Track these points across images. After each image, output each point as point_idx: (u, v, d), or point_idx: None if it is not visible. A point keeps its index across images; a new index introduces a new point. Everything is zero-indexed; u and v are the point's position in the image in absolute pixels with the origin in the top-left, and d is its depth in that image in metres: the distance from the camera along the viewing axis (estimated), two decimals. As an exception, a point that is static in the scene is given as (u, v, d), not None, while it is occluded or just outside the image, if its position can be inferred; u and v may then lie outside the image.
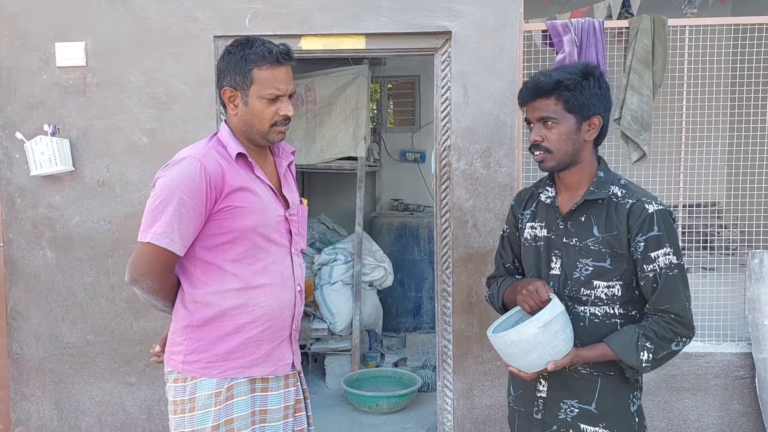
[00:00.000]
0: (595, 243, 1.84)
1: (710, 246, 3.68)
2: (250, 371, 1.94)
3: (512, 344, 1.79)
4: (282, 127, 1.93)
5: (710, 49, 3.31)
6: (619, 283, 1.84)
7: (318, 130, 5.12)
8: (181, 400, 1.91)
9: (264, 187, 1.95)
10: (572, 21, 3.29)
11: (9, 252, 3.46)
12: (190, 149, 1.92)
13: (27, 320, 3.48)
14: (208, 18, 3.33)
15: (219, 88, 1.95)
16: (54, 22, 3.36)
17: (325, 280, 4.91)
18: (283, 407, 2.01)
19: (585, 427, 1.87)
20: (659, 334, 1.79)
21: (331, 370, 4.80)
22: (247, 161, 1.93)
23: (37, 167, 3.30)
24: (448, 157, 3.39)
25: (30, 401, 3.52)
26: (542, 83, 1.82)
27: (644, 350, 1.79)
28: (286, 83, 1.90)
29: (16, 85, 3.38)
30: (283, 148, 2.10)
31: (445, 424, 3.52)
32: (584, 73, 1.83)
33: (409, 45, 3.40)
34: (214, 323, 1.90)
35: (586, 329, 1.86)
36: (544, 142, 1.84)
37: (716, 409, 3.37)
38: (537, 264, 1.96)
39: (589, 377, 1.87)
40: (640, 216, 1.79)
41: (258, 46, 1.87)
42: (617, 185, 1.88)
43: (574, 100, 1.81)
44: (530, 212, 2.02)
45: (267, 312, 1.94)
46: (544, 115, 1.83)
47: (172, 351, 1.96)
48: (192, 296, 1.91)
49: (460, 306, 3.40)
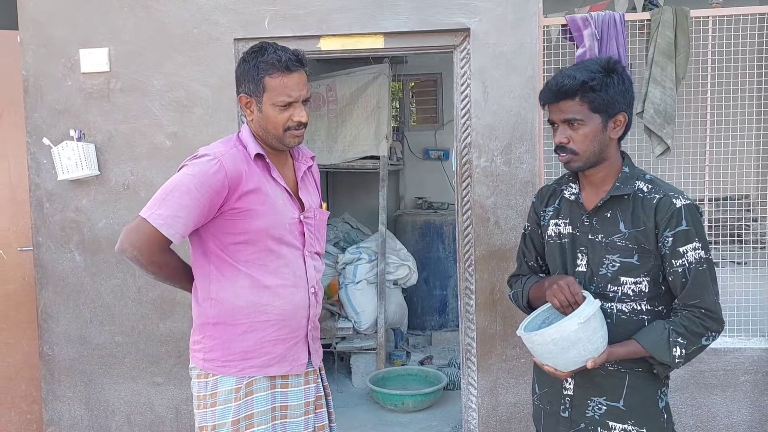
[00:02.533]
0: (621, 239, 1.82)
1: (741, 240, 3.60)
2: (266, 370, 1.98)
3: (552, 342, 1.73)
4: (297, 132, 1.96)
5: (735, 39, 3.24)
6: (647, 279, 1.81)
7: (340, 130, 5.13)
8: (203, 396, 1.97)
9: (279, 189, 1.99)
10: (592, 15, 3.25)
11: (39, 255, 3.53)
12: (214, 146, 1.97)
13: (57, 322, 3.55)
14: (228, 21, 3.36)
15: (237, 94, 2.00)
16: (78, 29, 3.43)
17: (349, 279, 4.92)
18: (304, 403, 2.04)
19: (613, 425, 1.85)
20: (690, 329, 1.77)
21: (357, 368, 4.82)
22: (265, 162, 1.97)
23: (64, 172, 3.37)
24: (468, 155, 3.37)
25: (61, 401, 3.59)
26: (566, 85, 1.78)
27: (676, 346, 1.77)
28: (298, 90, 1.92)
29: (42, 92, 3.46)
30: (303, 152, 2.13)
31: (469, 422, 3.51)
32: (607, 69, 1.80)
33: (427, 43, 3.39)
34: (229, 322, 1.95)
35: (614, 326, 1.83)
36: (569, 144, 1.82)
37: (746, 406, 3.30)
38: (563, 261, 1.94)
39: (616, 374, 1.85)
40: (668, 211, 1.77)
41: (270, 53, 1.90)
42: (643, 180, 1.86)
43: (600, 100, 1.78)
44: (553, 209, 1.99)
45: (280, 312, 1.97)
46: (570, 117, 1.80)
47: (194, 349, 2.02)
48: (207, 293, 1.96)
49: (483, 303, 3.39)
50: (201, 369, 1.99)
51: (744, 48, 3.25)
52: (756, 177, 3.56)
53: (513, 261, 3.31)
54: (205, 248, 1.95)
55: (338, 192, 6.70)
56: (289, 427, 2.02)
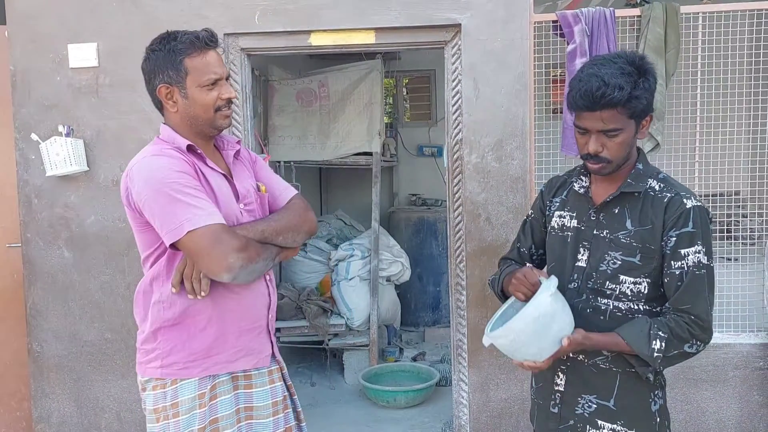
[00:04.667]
0: (626, 236, 1.78)
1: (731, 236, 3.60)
2: (233, 365, 1.89)
3: (533, 320, 1.68)
4: (227, 111, 1.88)
5: (725, 36, 3.24)
6: (647, 280, 1.78)
7: (332, 126, 5.12)
8: (162, 407, 1.85)
9: (219, 178, 1.89)
10: (583, 11, 3.24)
11: (27, 252, 3.51)
12: (145, 152, 1.86)
13: (46, 319, 3.54)
14: (218, 16, 3.35)
15: (152, 90, 1.88)
16: (66, 24, 3.40)
17: (342, 275, 4.92)
18: (272, 403, 1.97)
19: (603, 424, 1.82)
20: (674, 331, 1.73)
21: (350, 365, 4.82)
22: (197, 153, 1.87)
23: (52, 168, 3.35)
24: (460, 151, 3.37)
25: (50, 399, 3.58)
26: (615, 98, 1.66)
27: (656, 339, 1.72)
28: (220, 66, 1.85)
29: (30, 87, 3.44)
30: (226, 140, 2.03)
31: (461, 418, 3.51)
32: (640, 70, 1.71)
33: (418, 39, 3.38)
34: (186, 319, 1.85)
35: (606, 322, 1.81)
36: (604, 152, 1.74)
37: (735, 401, 3.31)
38: (562, 254, 1.91)
39: (608, 372, 1.82)
40: (677, 210, 1.73)
41: (182, 35, 1.82)
42: (655, 178, 1.81)
43: (640, 106, 1.71)
44: (560, 200, 1.96)
45: (239, 301, 1.88)
46: (611, 127, 1.71)
47: (147, 359, 1.89)
48: (158, 296, 1.85)
49: (474, 300, 3.39)
50: (159, 377, 1.85)
51: (734, 44, 3.24)
52: (746, 173, 3.56)
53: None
54: (156, 248, 1.84)
55: (331, 188, 6.70)
56: (256, 429, 1.94)
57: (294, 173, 5.17)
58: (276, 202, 2.04)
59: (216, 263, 1.72)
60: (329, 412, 4.27)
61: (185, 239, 1.71)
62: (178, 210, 1.71)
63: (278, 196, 2.05)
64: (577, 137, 1.81)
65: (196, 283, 1.79)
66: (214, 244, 1.71)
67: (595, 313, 1.82)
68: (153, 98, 1.91)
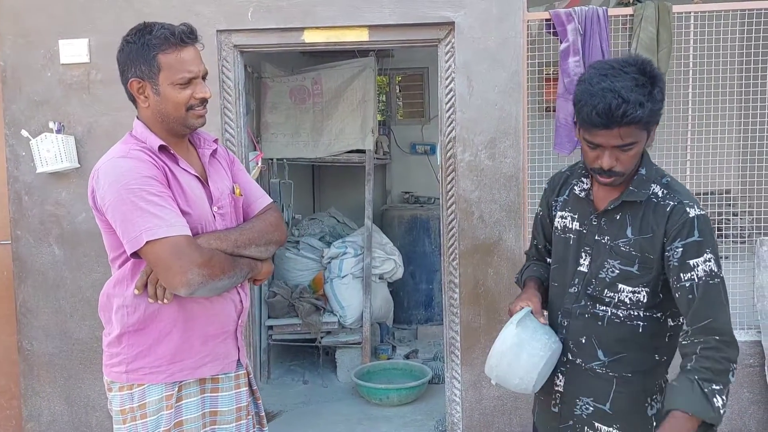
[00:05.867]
0: (626, 244, 1.73)
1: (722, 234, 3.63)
2: (199, 372, 1.84)
3: (501, 354, 1.76)
4: (200, 110, 1.81)
5: (717, 35, 3.25)
6: (645, 289, 1.73)
7: (325, 123, 5.11)
8: (129, 408, 1.80)
9: (192, 180, 1.83)
10: (576, 9, 3.25)
11: (17, 249, 3.49)
12: (113, 152, 1.79)
13: (36, 317, 3.51)
14: (211, 12, 3.33)
15: (125, 82, 1.80)
16: (57, 20, 3.38)
17: (335, 273, 4.91)
18: (236, 408, 1.92)
19: (600, 426, 1.81)
20: (715, 369, 1.60)
21: (342, 363, 4.81)
22: (170, 154, 1.81)
23: (43, 164, 3.32)
24: (453, 149, 3.37)
25: (41, 397, 3.56)
26: (637, 116, 1.59)
27: (715, 395, 1.58)
28: (196, 64, 1.78)
29: (21, 84, 3.41)
30: (204, 137, 1.96)
31: (453, 416, 3.52)
32: (652, 78, 1.63)
33: (412, 36, 3.38)
34: (150, 324, 1.79)
35: (604, 328, 1.78)
36: (617, 166, 1.67)
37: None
38: (565, 257, 1.88)
39: (605, 377, 1.80)
40: (680, 219, 1.66)
41: (158, 29, 1.74)
42: (659, 184, 1.74)
43: (653, 119, 1.65)
44: (562, 200, 1.91)
45: (206, 307, 1.83)
46: (628, 141, 1.63)
47: (112, 363, 1.84)
48: (121, 301, 1.80)
49: (467, 297, 3.39)
50: (125, 382, 1.80)
51: (725, 44, 3.26)
52: (737, 172, 3.58)
53: (496, 255, 3.36)
54: (122, 251, 1.76)
55: (324, 186, 6.69)
56: None
57: (287, 171, 5.16)
58: (250, 208, 1.99)
59: (173, 278, 1.67)
60: (321, 410, 4.27)
61: (145, 249, 1.67)
62: (138, 219, 1.66)
63: (253, 202, 2.00)
64: (585, 150, 1.72)
65: (160, 288, 1.74)
66: (174, 258, 1.65)
67: (593, 319, 1.81)
68: (126, 90, 1.84)
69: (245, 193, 1.99)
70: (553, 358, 1.81)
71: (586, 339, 1.82)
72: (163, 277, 1.70)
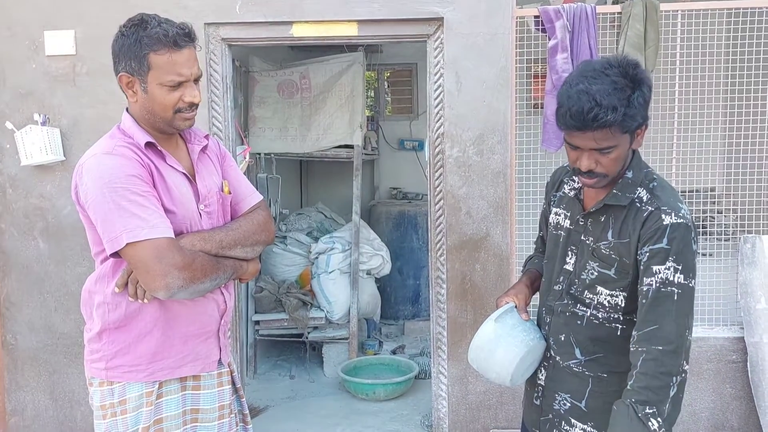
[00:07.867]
0: (606, 247, 1.74)
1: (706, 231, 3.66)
2: (178, 371, 1.82)
3: (478, 348, 1.83)
4: (189, 113, 1.77)
5: (703, 34, 3.28)
6: (623, 294, 1.74)
7: (314, 118, 5.10)
8: (110, 404, 1.79)
9: (179, 177, 1.81)
10: (564, 6, 3.26)
11: (1, 242, 3.46)
12: (99, 147, 1.76)
13: (20, 310, 3.48)
14: (198, 5, 3.31)
15: (116, 73, 1.77)
16: (42, 11, 3.34)
17: (322, 268, 4.90)
18: (218, 407, 1.90)
19: (575, 422, 1.84)
20: (651, 386, 1.60)
21: (329, 358, 4.81)
22: (157, 150, 1.78)
23: (27, 157, 3.29)
24: (441, 145, 3.37)
25: (25, 391, 3.53)
26: (608, 121, 1.57)
27: (649, 419, 1.59)
28: (188, 67, 1.73)
29: (5, 75, 3.37)
30: (195, 133, 1.93)
31: (439, 410, 3.53)
32: (634, 81, 1.61)
33: (401, 31, 3.38)
34: (132, 321, 1.77)
35: (582, 328, 1.81)
36: (597, 168, 1.67)
37: (709, 393, 3.37)
38: (554, 254, 1.89)
39: (581, 375, 1.82)
40: (653, 225, 1.65)
41: (153, 27, 1.69)
42: (646, 188, 1.72)
43: (633, 122, 1.61)
44: (558, 196, 1.93)
45: (188, 307, 1.81)
46: (604, 145, 1.62)
47: (92, 359, 1.82)
48: (102, 298, 1.78)
49: (454, 293, 3.40)
50: (104, 378, 1.79)
51: (712, 42, 3.29)
52: (722, 170, 3.61)
53: (483, 250, 3.37)
54: (103, 248, 1.72)
55: (312, 181, 6.67)
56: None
57: (274, 165, 5.15)
58: (239, 205, 1.97)
59: (152, 280, 1.65)
60: (308, 405, 4.27)
61: (125, 251, 1.65)
62: (119, 219, 1.63)
63: (242, 200, 1.98)
64: (567, 151, 1.72)
65: (140, 288, 1.72)
66: (153, 261, 1.63)
67: (573, 318, 1.83)
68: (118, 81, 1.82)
69: (234, 191, 1.97)
70: (533, 354, 1.85)
71: (565, 337, 1.84)
72: (142, 280, 1.68)
